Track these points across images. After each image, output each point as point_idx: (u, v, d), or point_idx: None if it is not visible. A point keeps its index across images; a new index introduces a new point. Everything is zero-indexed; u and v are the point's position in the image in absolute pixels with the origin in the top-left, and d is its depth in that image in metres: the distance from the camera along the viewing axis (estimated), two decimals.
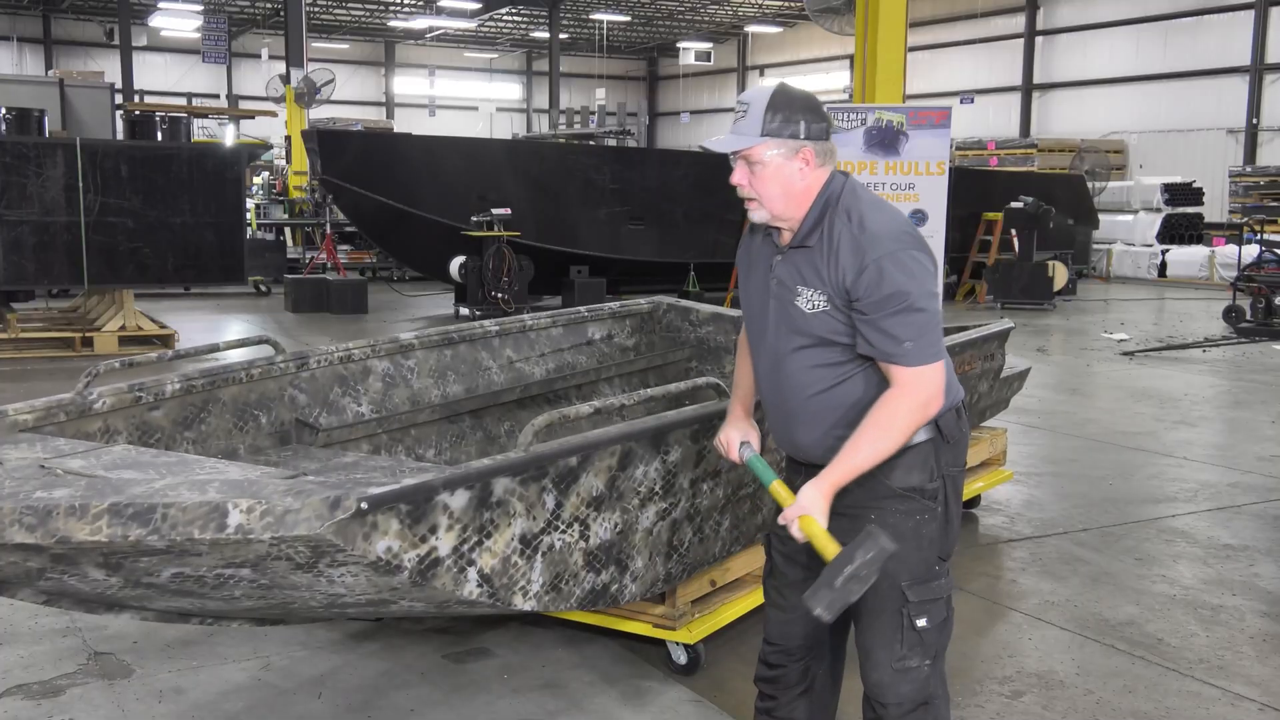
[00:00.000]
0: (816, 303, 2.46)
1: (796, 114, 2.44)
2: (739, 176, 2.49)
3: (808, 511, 2.43)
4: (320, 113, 26.29)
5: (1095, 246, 21.52)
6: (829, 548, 2.40)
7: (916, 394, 2.40)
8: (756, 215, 2.53)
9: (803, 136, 2.45)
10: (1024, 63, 31.06)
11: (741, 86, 42.36)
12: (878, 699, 2.55)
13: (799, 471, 2.67)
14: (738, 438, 2.76)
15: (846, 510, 2.52)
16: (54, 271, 10.24)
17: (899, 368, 2.40)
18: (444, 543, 2.69)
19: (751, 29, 39.87)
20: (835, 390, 2.51)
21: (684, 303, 5.93)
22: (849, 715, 3.03)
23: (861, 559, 2.32)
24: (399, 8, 35.88)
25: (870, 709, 2.60)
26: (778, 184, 2.46)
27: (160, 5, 29.48)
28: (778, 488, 2.58)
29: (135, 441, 3.72)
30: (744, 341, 2.85)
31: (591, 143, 23.03)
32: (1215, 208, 24.28)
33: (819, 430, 2.55)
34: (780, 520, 2.50)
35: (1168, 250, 21.28)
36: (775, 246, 2.58)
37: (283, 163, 22.76)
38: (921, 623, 2.49)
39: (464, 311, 13.47)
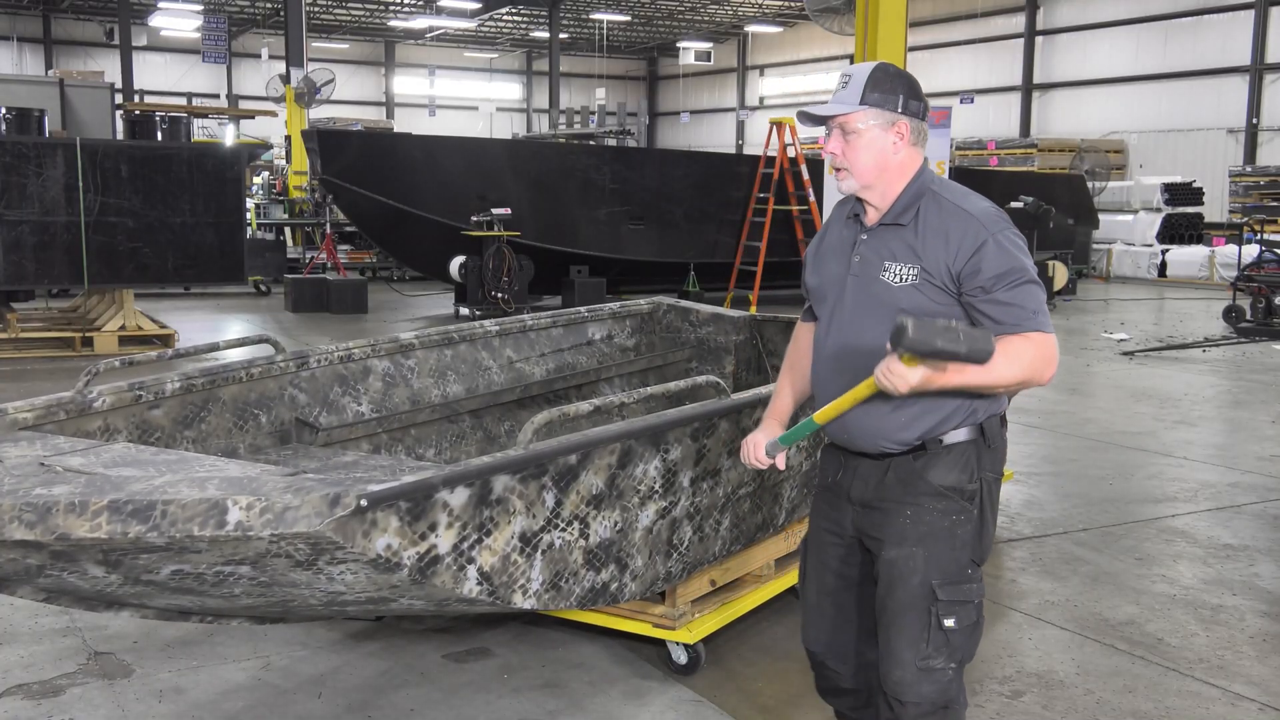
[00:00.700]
0: (904, 275, 2.48)
1: (896, 89, 2.51)
2: (833, 145, 2.54)
3: (913, 381, 2.26)
4: (320, 113, 26.30)
5: (1095, 246, 21.53)
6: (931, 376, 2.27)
7: (1044, 350, 2.41)
8: (846, 185, 2.56)
9: (899, 111, 2.51)
10: (1024, 63, 31.06)
11: (742, 86, 42.38)
12: (896, 697, 2.51)
13: (841, 465, 2.65)
14: (764, 439, 2.73)
15: (882, 504, 2.55)
16: (54, 271, 10.24)
17: (1023, 335, 2.40)
18: (444, 540, 2.69)
19: (751, 29, 39.87)
20: None
21: (684, 303, 5.93)
22: None
23: (963, 331, 2.21)
24: (399, 8, 35.88)
25: (887, 708, 2.56)
26: (871, 154, 2.51)
27: (160, 5, 29.48)
28: (830, 408, 2.46)
29: (135, 440, 3.72)
30: (795, 351, 2.85)
31: (591, 143, 23.01)
32: (1215, 208, 24.28)
33: (874, 418, 2.52)
34: (880, 372, 2.27)
35: (1168, 250, 21.28)
36: (859, 229, 2.60)
37: (283, 163, 22.75)
38: (950, 623, 2.48)
39: (464, 311, 13.47)
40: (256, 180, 20.29)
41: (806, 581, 2.77)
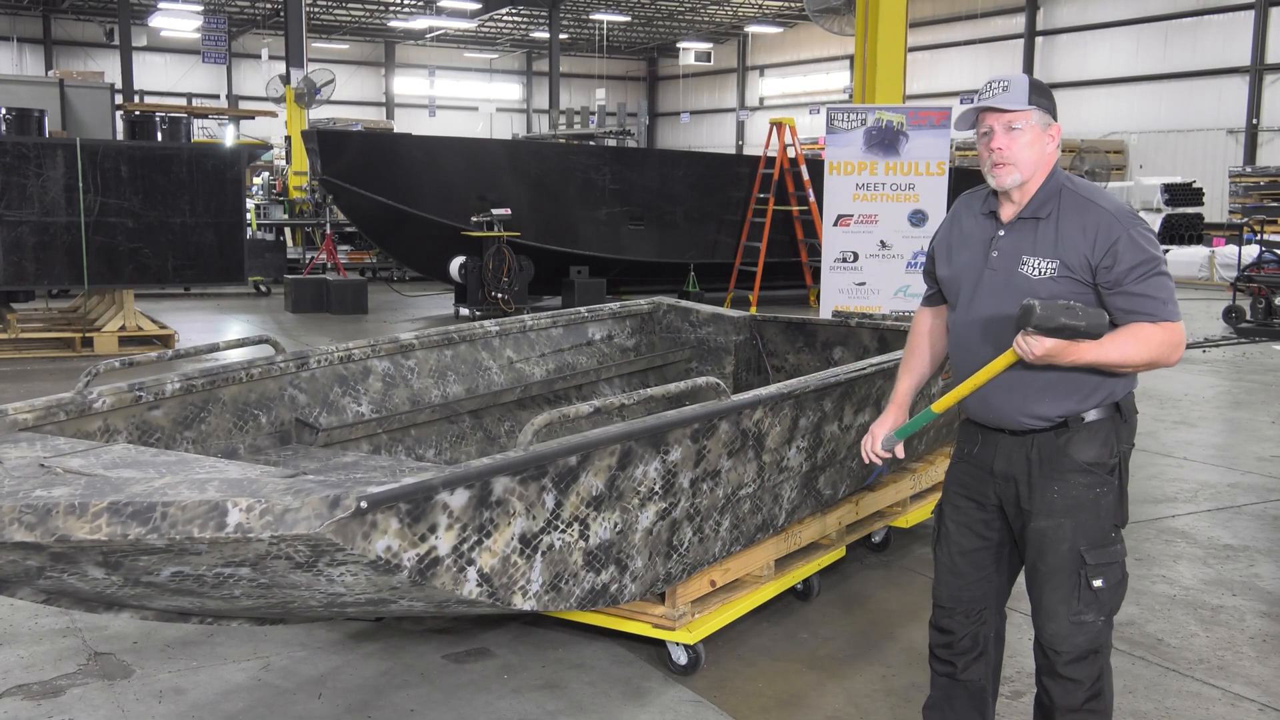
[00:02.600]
0: (1044, 268, 2.65)
1: (1050, 98, 2.74)
2: (1000, 141, 2.68)
3: (1046, 349, 2.49)
4: (320, 113, 26.32)
5: None
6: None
7: (1172, 335, 2.60)
8: (1010, 179, 2.69)
9: (1053, 117, 2.73)
10: (1024, 63, 31.06)
11: (742, 86, 42.38)
12: (1052, 647, 2.73)
13: (977, 439, 2.84)
14: (882, 431, 2.97)
15: (1029, 479, 2.73)
16: (54, 271, 10.24)
17: (1161, 323, 2.59)
18: (443, 542, 2.69)
19: (751, 29, 39.88)
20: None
21: (684, 303, 5.93)
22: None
23: (1082, 310, 2.47)
24: (399, 8, 35.88)
25: (1042, 654, 2.78)
26: (1035, 150, 2.69)
27: (160, 5, 29.49)
28: (954, 393, 2.72)
29: (135, 441, 3.72)
30: (921, 331, 3.04)
31: (591, 143, 23.02)
32: (1215, 208, 24.29)
33: (1019, 397, 2.70)
34: (1016, 342, 2.52)
35: (1168, 250, 21.24)
36: (995, 224, 2.76)
37: (283, 163, 22.76)
38: (1098, 583, 2.70)
39: (464, 312, 13.48)
40: (256, 181, 20.29)
41: (943, 542, 2.95)
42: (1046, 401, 2.69)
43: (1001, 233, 2.75)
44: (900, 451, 3.00)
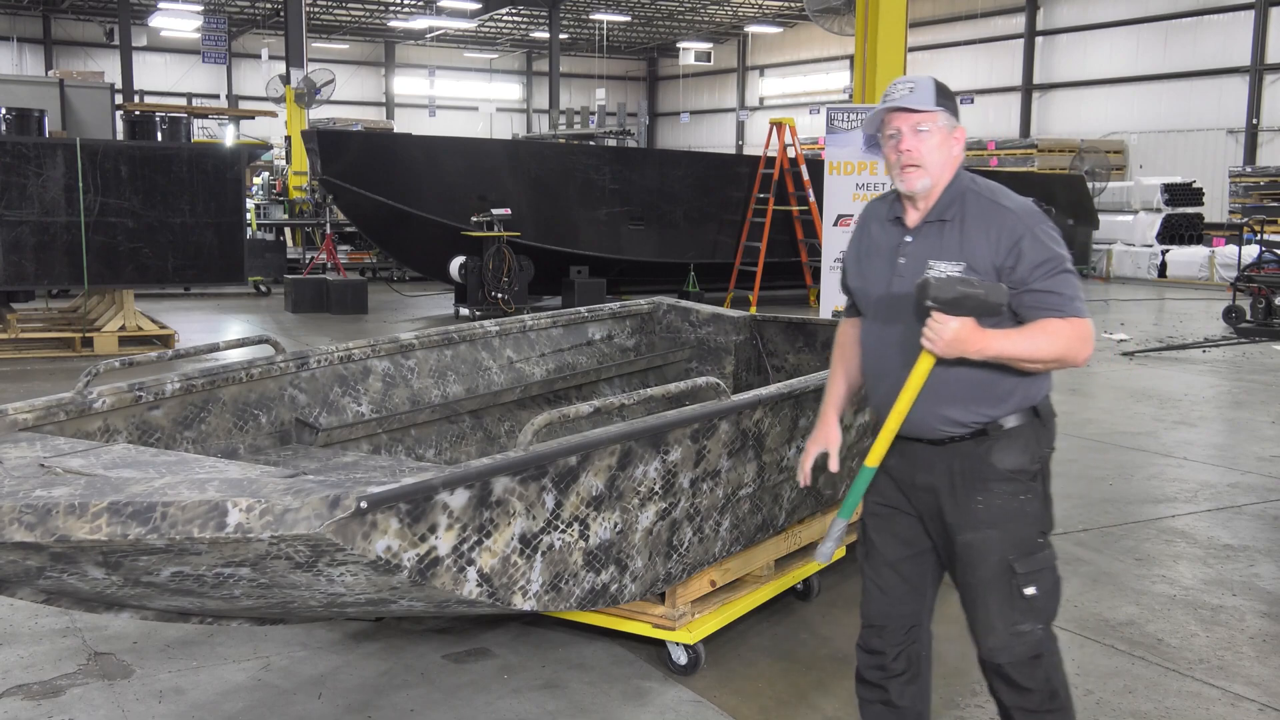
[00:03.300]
0: (950, 273, 2.60)
1: (952, 100, 2.71)
2: (909, 143, 2.64)
3: (953, 329, 2.48)
4: (320, 113, 26.32)
5: (1095, 247, 21.53)
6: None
7: (1081, 331, 2.57)
8: (919, 183, 2.65)
9: (957, 120, 2.71)
10: (1024, 63, 31.07)
11: (742, 86, 42.38)
12: (993, 660, 2.69)
13: (898, 450, 2.74)
14: (815, 450, 2.91)
15: (951, 490, 2.67)
16: (54, 271, 10.24)
17: (1069, 319, 2.56)
18: (443, 542, 2.69)
19: (751, 29, 39.88)
20: (954, 368, 2.59)
21: (684, 303, 5.93)
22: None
23: (977, 281, 2.49)
24: (399, 8, 35.88)
25: (987, 665, 2.73)
26: (942, 153, 2.66)
27: (160, 5, 29.49)
28: (888, 427, 2.67)
29: (135, 441, 3.72)
30: (844, 343, 2.97)
31: (591, 143, 23.01)
32: (1215, 208, 24.28)
33: (934, 403, 2.63)
34: (924, 336, 2.51)
35: (1168, 250, 21.28)
36: (902, 230, 2.72)
37: (283, 163, 22.76)
38: (1030, 591, 2.64)
39: (464, 311, 13.48)
40: (256, 181, 20.29)
41: (869, 556, 2.87)
42: (962, 406, 2.63)
43: (908, 238, 2.70)
44: (834, 465, 2.91)
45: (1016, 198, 2.68)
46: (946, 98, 2.67)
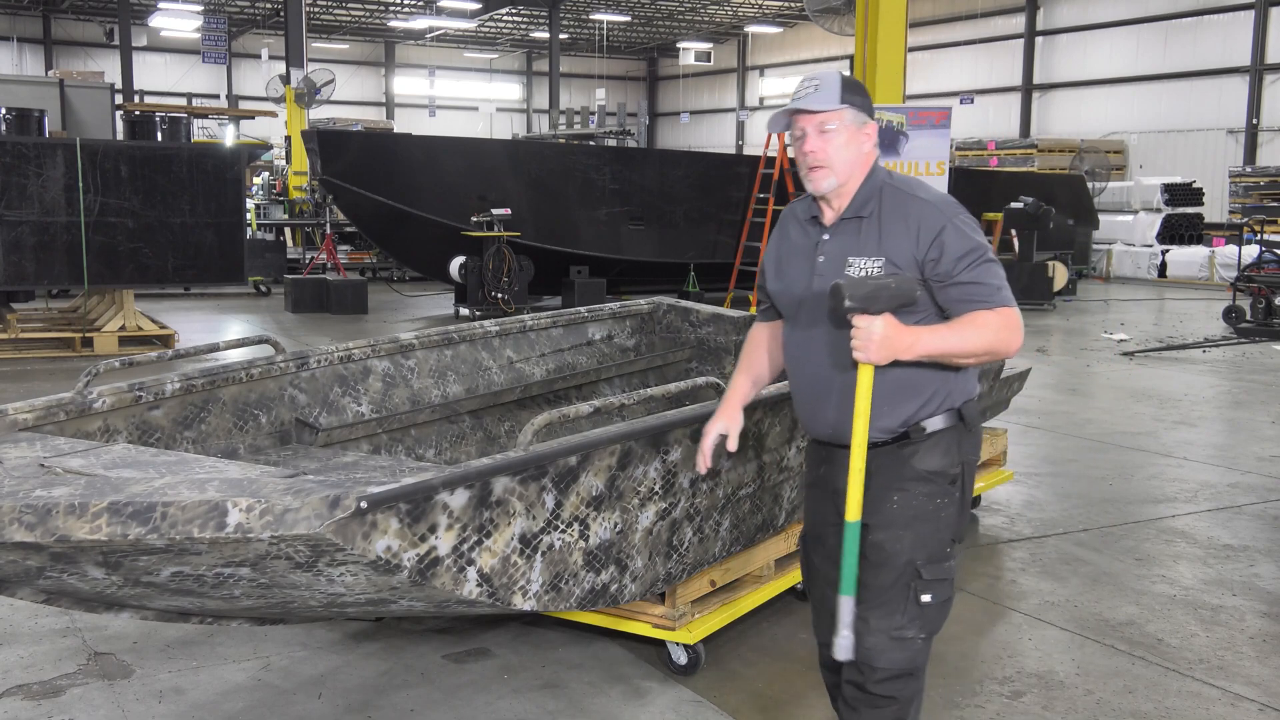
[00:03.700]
0: (871, 269, 2.56)
1: (864, 95, 2.66)
2: (813, 144, 2.59)
3: (880, 330, 2.44)
4: (320, 113, 26.32)
5: (1095, 247, 21.53)
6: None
7: (1009, 320, 2.53)
8: (826, 183, 2.60)
9: (869, 115, 2.65)
10: (1024, 63, 31.07)
11: (742, 86, 42.38)
12: (867, 663, 2.59)
13: (824, 459, 2.72)
14: (715, 430, 2.84)
15: (869, 489, 2.58)
16: (54, 271, 10.24)
17: (997, 309, 2.52)
18: (443, 542, 2.69)
19: (751, 29, 39.88)
20: (883, 367, 2.52)
21: (684, 303, 5.93)
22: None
23: (888, 275, 2.48)
24: (399, 8, 35.88)
25: (856, 671, 2.62)
26: (850, 151, 2.60)
27: (160, 5, 29.48)
28: (855, 461, 2.56)
29: (135, 441, 3.72)
30: (753, 344, 2.92)
31: (591, 143, 23.00)
32: (1215, 208, 24.28)
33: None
34: (853, 345, 2.46)
35: (1168, 250, 21.28)
36: (819, 229, 2.68)
37: (283, 163, 22.76)
38: (926, 598, 2.58)
39: (464, 311, 13.48)
40: (256, 181, 20.29)
41: (812, 578, 2.82)
42: (888, 409, 2.58)
43: (826, 237, 2.65)
44: (732, 444, 2.84)
45: (934, 190, 2.65)
46: (855, 93, 2.62)
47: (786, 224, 2.80)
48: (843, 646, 2.53)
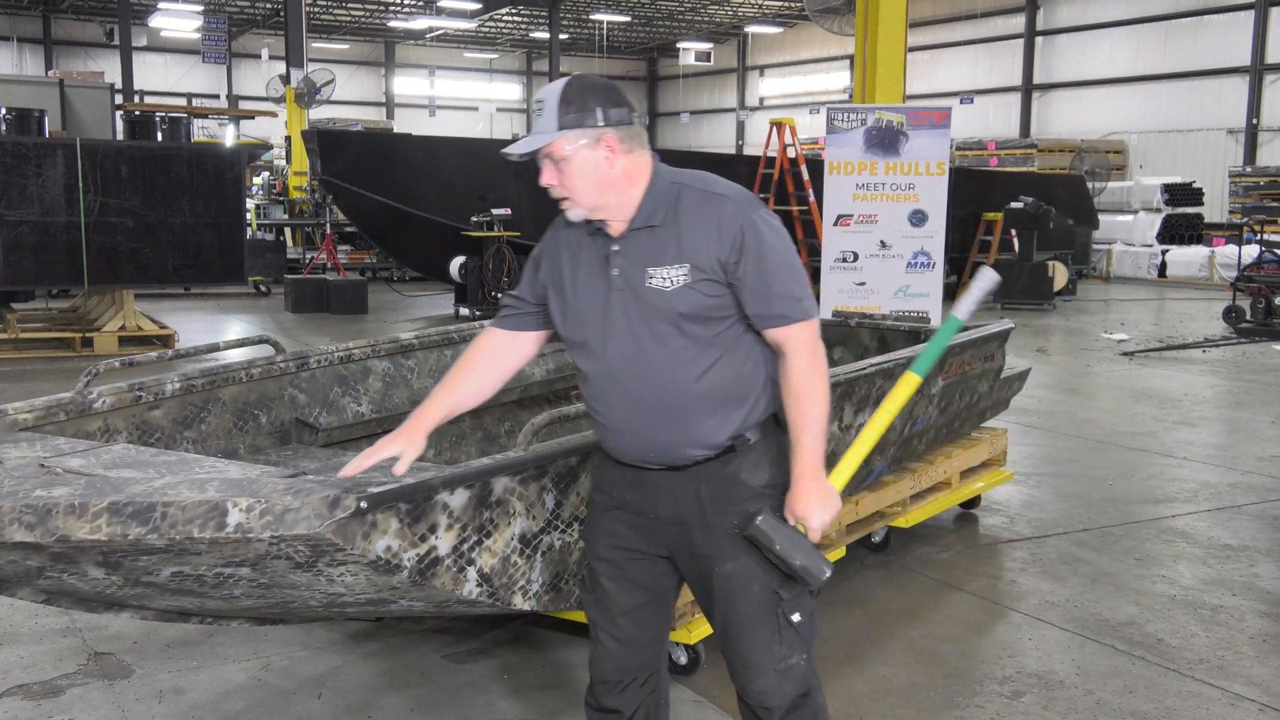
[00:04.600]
0: (674, 278, 2.36)
1: (592, 103, 2.35)
2: (548, 177, 2.39)
3: (836, 500, 2.40)
4: (320, 113, 26.31)
5: (1095, 247, 21.52)
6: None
7: (815, 346, 2.41)
8: (574, 213, 2.42)
9: (601, 124, 2.35)
10: (1024, 63, 31.06)
11: (742, 86, 42.39)
12: (763, 705, 2.47)
13: (633, 482, 2.50)
14: (389, 450, 2.48)
15: (704, 519, 2.44)
16: (54, 271, 10.24)
17: (792, 327, 2.38)
18: (443, 542, 2.69)
19: (751, 29, 39.87)
20: (705, 377, 2.39)
21: None
22: None
23: (789, 540, 2.36)
24: (399, 8, 35.88)
25: (752, 714, 2.51)
26: (587, 176, 2.37)
27: (160, 5, 29.48)
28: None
29: (135, 441, 3.72)
30: (486, 346, 2.64)
31: None
32: (1215, 208, 24.29)
33: (682, 422, 2.41)
34: (817, 527, 2.38)
35: (1168, 250, 21.28)
36: (607, 239, 2.44)
37: (283, 163, 22.77)
38: (796, 618, 2.44)
39: (464, 311, 13.48)
40: (256, 181, 20.30)
41: (602, 605, 2.57)
42: (715, 422, 2.40)
43: (616, 247, 2.41)
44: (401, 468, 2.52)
45: (730, 184, 2.44)
46: (578, 107, 2.33)
47: (558, 251, 2.53)
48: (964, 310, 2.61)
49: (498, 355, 2.63)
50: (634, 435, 2.44)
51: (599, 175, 2.37)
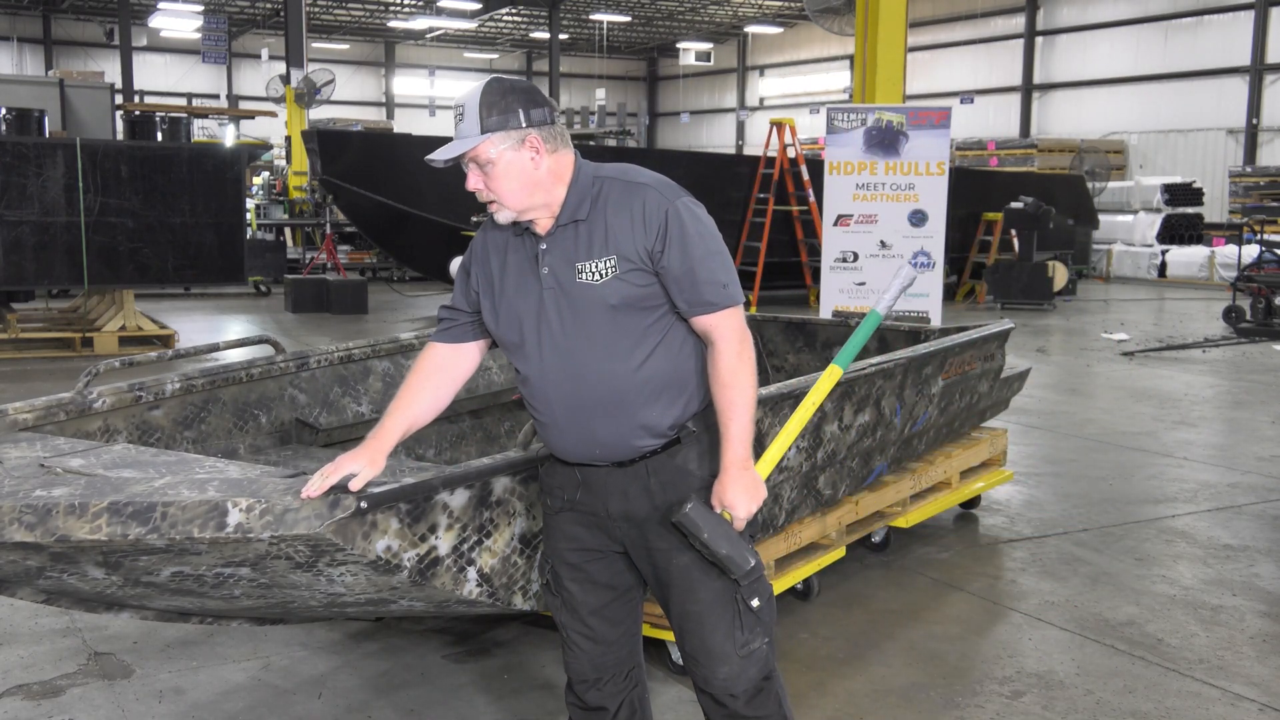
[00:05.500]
0: (603, 270, 2.37)
1: (514, 104, 2.36)
2: (474, 182, 2.40)
3: (762, 489, 2.42)
4: (320, 113, 26.33)
5: (1095, 247, 21.52)
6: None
7: (742, 336, 2.43)
8: (501, 216, 2.41)
9: (524, 125, 2.36)
10: (1024, 63, 31.06)
11: (742, 86, 42.39)
12: (728, 691, 2.47)
13: (577, 483, 2.50)
14: (349, 468, 2.43)
15: (656, 512, 2.45)
16: (54, 271, 10.24)
17: (719, 314, 2.40)
18: (443, 542, 2.69)
19: (751, 29, 39.87)
20: (644, 367, 2.40)
21: None
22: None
23: (717, 530, 2.37)
24: (399, 8, 35.89)
25: (715, 703, 2.52)
26: (512, 179, 2.36)
27: (160, 5, 29.49)
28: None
29: (135, 441, 3.72)
30: (430, 365, 2.59)
31: (592, 143, 23.02)
32: (1215, 208, 24.28)
33: (626, 414, 2.41)
34: (744, 517, 2.41)
35: (1168, 250, 21.27)
36: (535, 238, 2.45)
37: (283, 163, 22.78)
38: (755, 603, 2.45)
39: None
40: (256, 181, 20.30)
41: (569, 608, 2.59)
42: (656, 408, 2.40)
43: (544, 246, 2.41)
44: (356, 485, 2.46)
45: (652, 174, 2.47)
46: (499, 109, 2.33)
47: (487, 255, 2.52)
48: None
49: (443, 371, 2.60)
50: (578, 433, 2.44)
51: (525, 176, 2.37)
